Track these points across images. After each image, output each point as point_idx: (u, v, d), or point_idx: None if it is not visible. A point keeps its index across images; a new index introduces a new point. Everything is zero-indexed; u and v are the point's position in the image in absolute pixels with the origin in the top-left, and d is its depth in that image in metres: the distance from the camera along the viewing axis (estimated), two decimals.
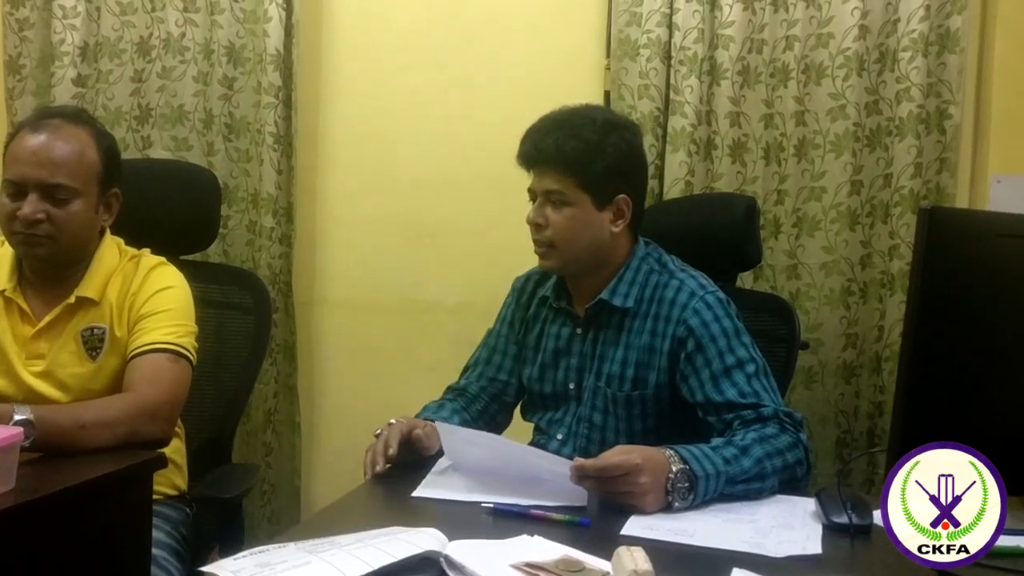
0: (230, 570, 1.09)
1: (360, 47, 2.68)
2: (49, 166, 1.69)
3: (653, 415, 1.72)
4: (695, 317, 1.67)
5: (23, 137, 1.72)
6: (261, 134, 2.57)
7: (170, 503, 1.85)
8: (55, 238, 1.71)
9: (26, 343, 1.76)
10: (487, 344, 1.93)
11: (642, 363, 1.71)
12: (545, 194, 1.70)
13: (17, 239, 1.72)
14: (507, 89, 2.58)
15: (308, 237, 2.70)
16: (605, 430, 1.74)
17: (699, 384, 1.65)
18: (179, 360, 1.74)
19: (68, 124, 1.75)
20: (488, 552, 1.20)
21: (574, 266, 1.75)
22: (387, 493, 1.54)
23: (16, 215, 1.69)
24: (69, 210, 1.72)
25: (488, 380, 1.90)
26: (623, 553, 1.13)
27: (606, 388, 1.73)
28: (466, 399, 1.89)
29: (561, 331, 1.81)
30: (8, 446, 1.30)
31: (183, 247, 2.13)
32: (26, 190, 1.69)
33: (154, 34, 2.65)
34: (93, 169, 1.75)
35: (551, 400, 1.82)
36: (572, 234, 1.70)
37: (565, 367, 1.79)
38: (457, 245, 2.64)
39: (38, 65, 2.68)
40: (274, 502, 2.62)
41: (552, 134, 1.69)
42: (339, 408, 2.73)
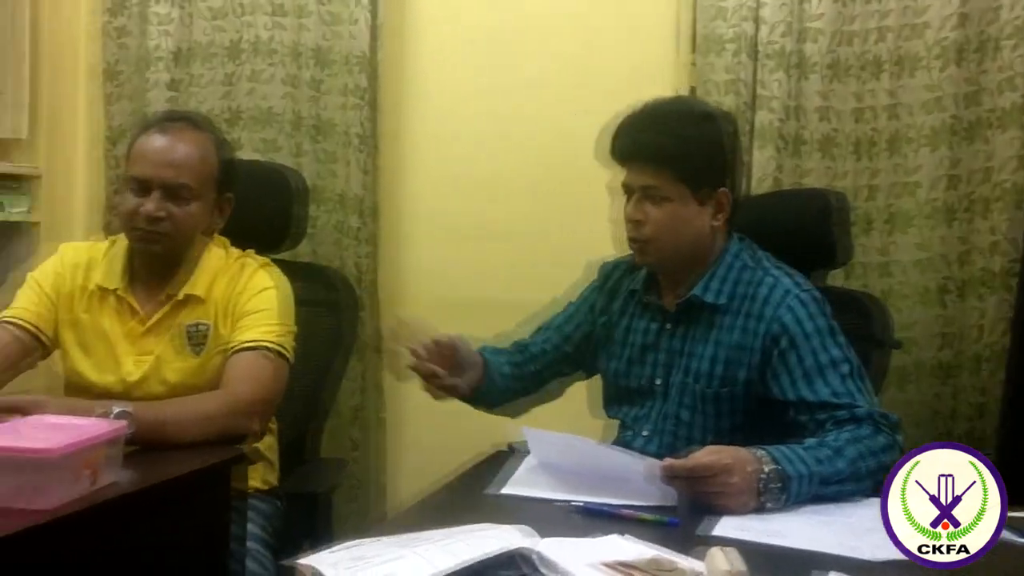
0: (327, 562, 1.11)
1: (442, 48, 2.70)
2: (174, 167, 1.77)
3: (742, 413, 1.69)
4: (789, 315, 1.63)
5: (150, 138, 1.80)
6: (347, 135, 2.61)
7: (262, 497, 1.89)
8: (172, 236, 1.79)
9: (135, 339, 1.82)
10: (566, 312, 1.96)
11: (732, 360, 1.68)
12: (643, 189, 1.68)
13: (137, 235, 1.79)
14: (589, 88, 2.57)
15: (393, 236, 2.73)
16: (692, 427, 1.72)
17: (791, 383, 1.61)
18: (276, 358, 1.79)
19: (192, 129, 1.83)
20: (579, 550, 1.19)
21: (671, 262, 1.73)
22: (476, 490, 1.54)
23: (139, 211, 1.76)
24: (188, 210, 1.79)
25: (552, 346, 1.92)
26: (717, 554, 1.11)
27: (694, 385, 1.71)
28: (524, 356, 1.93)
29: (649, 326, 1.79)
30: (114, 439, 1.35)
31: (273, 246, 2.18)
32: (150, 188, 1.76)
33: (243, 38, 2.71)
34: (212, 173, 1.83)
35: (636, 395, 1.81)
36: (672, 230, 1.68)
37: (652, 362, 1.78)
38: (536, 244, 2.63)
39: (135, 71, 2.77)
40: (360, 497, 2.66)
41: (650, 128, 1.67)
42: (423, 406, 2.71)
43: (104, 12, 2.78)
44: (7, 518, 1.19)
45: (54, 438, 1.25)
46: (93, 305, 1.84)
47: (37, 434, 1.28)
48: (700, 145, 1.67)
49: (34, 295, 1.84)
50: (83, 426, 1.34)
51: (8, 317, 1.81)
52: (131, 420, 1.46)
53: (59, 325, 1.84)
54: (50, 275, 1.86)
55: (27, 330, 1.81)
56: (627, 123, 1.71)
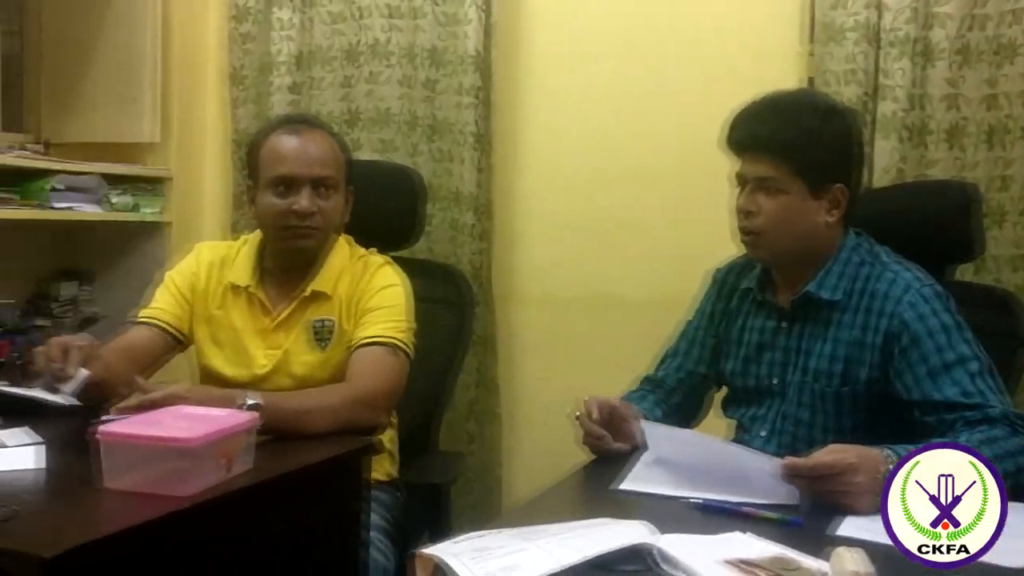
0: (450, 552, 1.13)
1: (555, 45, 2.71)
2: (319, 163, 1.85)
3: (864, 412, 1.64)
4: (910, 311, 1.58)
5: (281, 140, 1.87)
6: (462, 134, 2.64)
7: (383, 488, 1.94)
8: (322, 229, 1.87)
9: (266, 335, 1.90)
10: (685, 335, 1.91)
11: (851, 358, 1.63)
12: (757, 181, 1.65)
13: (289, 233, 1.86)
14: (702, 81, 2.54)
15: (506, 233, 2.76)
16: (813, 427, 1.68)
17: (915, 382, 1.56)
18: (397, 353, 1.83)
19: (313, 128, 1.92)
20: (700, 547, 1.19)
21: (783, 256, 1.70)
22: (594, 485, 1.55)
23: (291, 209, 1.83)
24: (332, 203, 1.88)
25: (686, 372, 1.88)
26: (843, 554, 1.09)
27: (813, 383, 1.67)
28: (664, 391, 1.88)
29: (765, 324, 1.76)
30: (248, 429, 1.41)
31: (391, 243, 2.23)
32: (299, 186, 1.83)
33: (361, 41, 2.77)
34: (343, 167, 1.91)
35: (753, 395, 1.78)
36: (784, 223, 1.64)
37: (768, 361, 1.74)
38: (650, 240, 2.62)
39: (258, 75, 2.88)
40: (476, 490, 2.69)
41: (769, 119, 1.64)
42: (537, 401, 2.77)
43: (230, 19, 2.90)
44: (151, 503, 1.25)
45: (193, 428, 1.32)
46: (226, 301, 1.92)
47: (177, 424, 1.35)
48: (819, 138, 1.62)
49: (169, 294, 1.93)
50: (219, 417, 1.40)
51: (146, 316, 1.91)
52: (263, 411, 1.53)
53: (193, 321, 1.93)
54: (185, 274, 1.95)
55: (163, 328, 1.90)
56: (745, 113, 1.68)
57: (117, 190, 2.75)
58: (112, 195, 2.73)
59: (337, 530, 1.61)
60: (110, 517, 1.25)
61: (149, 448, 1.29)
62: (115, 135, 2.88)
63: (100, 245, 2.95)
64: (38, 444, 1.48)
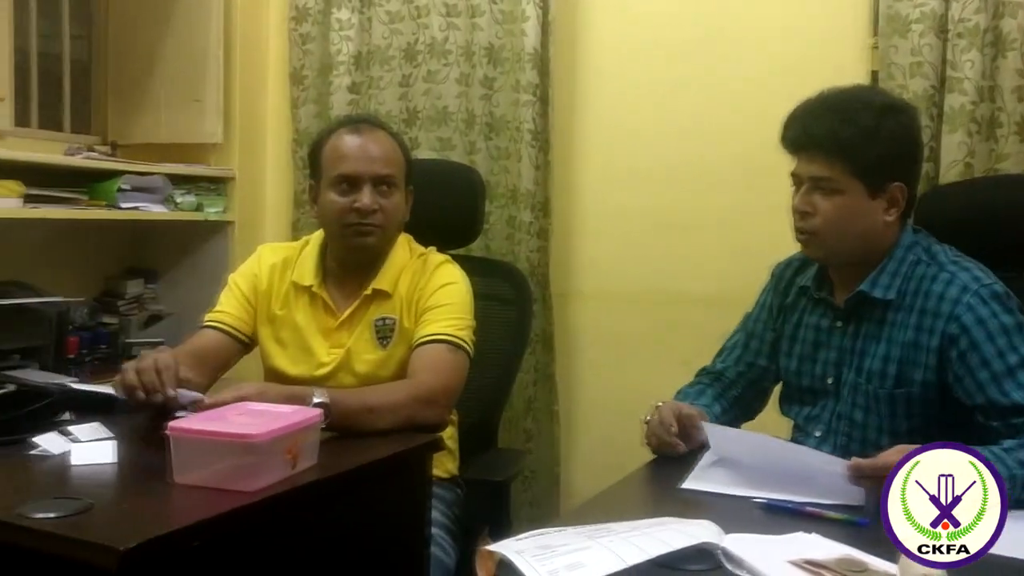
0: (514, 550, 1.13)
1: (613, 42, 2.70)
2: (380, 161, 1.88)
3: (919, 415, 1.60)
4: (968, 314, 1.54)
5: (344, 139, 1.90)
6: (520, 131, 2.65)
7: (443, 485, 1.95)
8: (383, 226, 1.89)
9: (329, 333, 1.92)
10: (745, 328, 1.89)
11: (906, 360, 1.60)
12: (813, 180, 1.62)
13: (351, 230, 1.88)
14: (763, 77, 2.51)
15: (564, 231, 2.76)
16: (867, 428, 1.65)
17: (977, 386, 1.52)
18: (457, 351, 1.85)
19: (374, 128, 1.94)
20: (766, 547, 1.18)
21: (839, 256, 1.67)
22: (657, 484, 1.55)
23: (353, 207, 1.85)
24: (394, 201, 1.90)
25: (746, 365, 1.86)
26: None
27: (867, 385, 1.64)
28: (723, 384, 1.86)
29: (820, 322, 1.74)
30: (313, 425, 1.43)
31: (450, 241, 2.23)
32: (360, 184, 1.86)
33: (419, 40, 2.79)
34: (403, 165, 1.93)
35: (808, 394, 1.75)
36: (841, 223, 1.61)
37: (823, 360, 1.72)
38: (709, 237, 2.60)
39: (318, 75, 2.91)
40: (534, 487, 2.70)
41: (825, 118, 1.60)
42: (595, 398, 2.77)
43: (290, 19, 2.94)
44: (220, 498, 1.28)
45: (260, 425, 1.34)
46: (289, 301, 1.95)
47: (245, 421, 1.37)
48: (876, 137, 1.59)
49: (233, 297, 1.97)
50: (285, 413, 1.42)
51: (212, 320, 1.95)
52: (328, 408, 1.55)
53: (257, 322, 1.96)
54: (247, 276, 1.98)
55: (229, 331, 1.94)
56: (800, 111, 1.65)
57: (181, 190, 2.81)
58: (177, 195, 2.78)
59: (401, 526, 1.63)
60: (180, 511, 1.27)
61: (217, 444, 1.31)
62: (179, 136, 2.95)
63: (165, 244, 3.02)
64: (110, 439, 1.51)
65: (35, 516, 1.17)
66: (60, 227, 2.69)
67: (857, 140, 1.58)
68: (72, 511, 1.19)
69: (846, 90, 1.66)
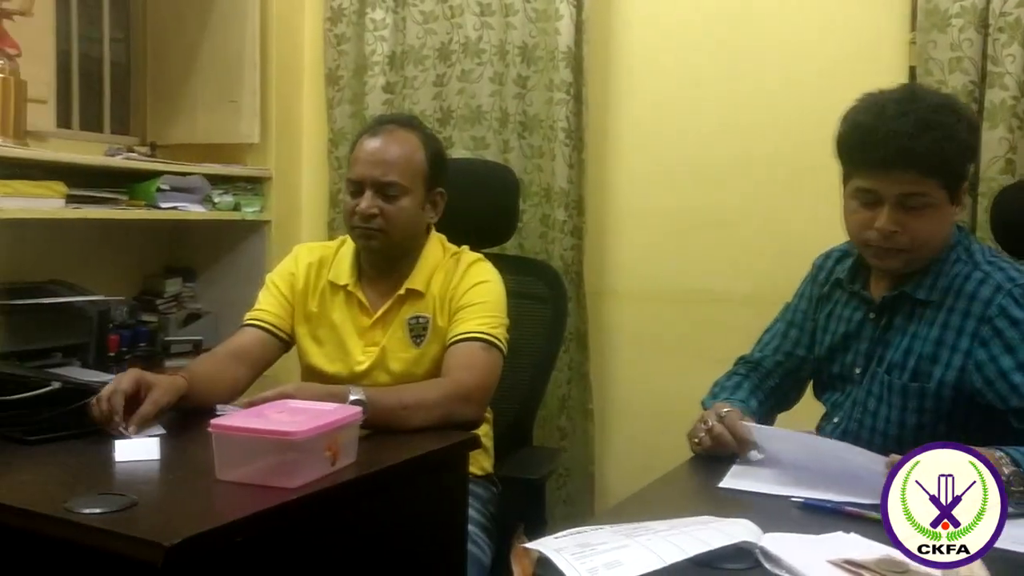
0: (553, 548, 1.13)
1: (648, 39, 2.70)
2: (383, 166, 1.88)
3: (930, 412, 1.58)
4: (1001, 316, 1.52)
5: (363, 141, 1.92)
6: (553, 130, 2.65)
7: (479, 482, 1.96)
8: (386, 231, 1.88)
9: (364, 332, 1.94)
10: (784, 317, 1.88)
11: (926, 355, 1.58)
12: (902, 197, 1.55)
13: (356, 233, 1.91)
14: (798, 74, 2.51)
15: (598, 229, 2.76)
16: (877, 418, 1.64)
17: (1011, 389, 1.49)
18: (491, 349, 1.86)
19: (400, 129, 1.93)
20: (804, 547, 1.17)
21: (920, 263, 1.62)
22: (694, 482, 1.55)
23: (355, 210, 1.88)
24: (399, 205, 1.89)
25: (784, 355, 1.84)
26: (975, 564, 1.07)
27: (884, 375, 1.63)
28: (760, 374, 1.85)
29: (853, 314, 1.72)
30: (352, 423, 1.44)
31: (485, 240, 2.24)
32: (363, 188, 1.88)
33: (453, 39, 2.80)
34: (420, 169, 1.92)
35: (837, 381, 1.75)
36: (932, 237, 1.58)
37: (854, 351, 1.71)
38: (746, 235, 2.60)
39: (353, 75, 2.93)
40: (569, 485, 2.70)
41: (925, 135, 1.51)
42: (630, 397, 2.77)
43: (325, 20, 2.96)
44: (261, 494, 1.29)
45: (300, 422, 1.36)
46: (325, 300, 1.97)
47: (285, 418, 1.39)
48: (961, 146, 1.56)
49: (271, 296, 1.99)
50: (325, 411, 1.44)
51: (251, 319, 1.98)
52: (365, 406, 1.56)
53: (294, 321, 1.98)
54: (284, 275, 2.00)
55: (267, 330, 1.96)
56: (888, 128, 1.53)
57: (219, 190, 2.84)
58: (215, 195, 2.81)
59: (439, 523, 1.64)
60: (224, 507, 1.29)
61: (258, 441, 1.33)
62: (217, 136, 2.98)
63: (203, 243, 3.06)
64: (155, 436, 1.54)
65: (82, 511, 1.20)
66: (101, 227, 2.73)
67: (955, 155, 1.55)
68: (118, 507, 1.21)
69: (927, 100, 1.58)
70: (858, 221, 1.61)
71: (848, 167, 1.63)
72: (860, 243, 1.64)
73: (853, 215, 1.63)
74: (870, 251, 1.63)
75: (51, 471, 1.43)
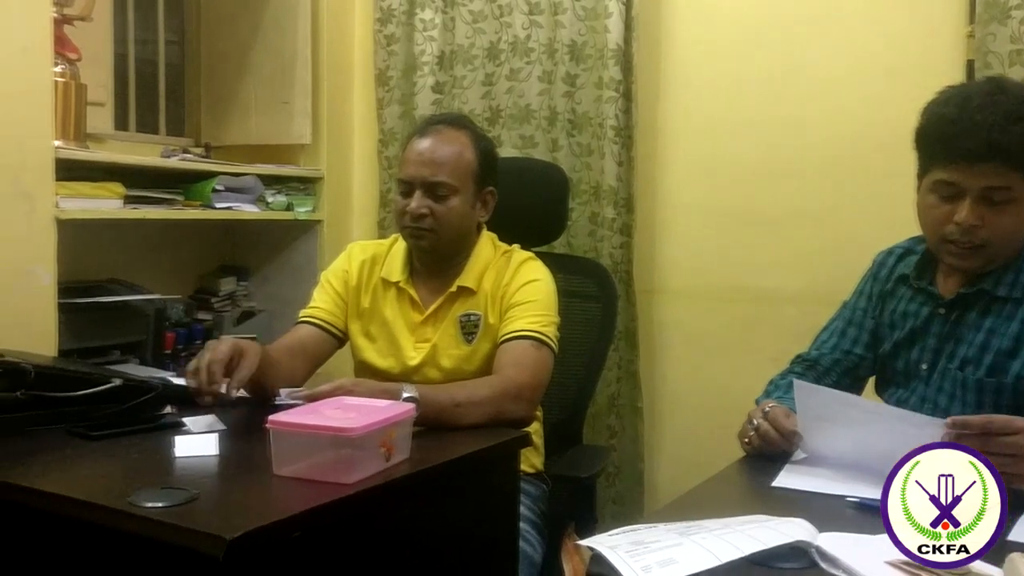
0: (607, 545, 1.14)
1: (697, 36, 2.68)
2: (432, 166, 1.89)
3: (1008, 408, 1.53)
4: None
5: (413, 142, 1.94)
6: (602, 128, 2.65)
7: (530, 480, 1.97)
8: (436, 231, 1.90)
9: (415, 328, 1.96)
10: (842, 316, 1.85)
11: (1003, 350, 1.55)
12: (986, 191, 1.52)
13: (407, 232, 1.94)
14: (851, 69, 2.47)
15: (648, 227, 2.75)
16: (949, 414, 1.60)
17: None
18: (542, 347, 1.86)
19: (450, 128, 1.94)
20: (860, 546, 1.16)
21: (998, 261, 1.59)
22: (747, 481, 1.54)
23: (406, 210, 1.90)
24: (448, 205, 1.90)
25: (842, 353, 1.81)
26: (1017, 560, 1.05)
27: (957, 371, 1.60)
28: (816, 373, 1.83)
29: (920, 310, 1.69)
30: (406, 420, 1.46)
31: (534, 239, 2.25)
32: (413, 188, 1.90)
33: (502, 38, 2.81)
34: (470, 169, 1.93)
35: (901, 378, 1.72)
36: (1013, 233, 1.55)
37: (921, 347, 1.68)
38: (797, 233, 2.57)
39: (403, 75, 2.96)
40: (618, 483, 2.70)
41: (1013, 126, 1.49)
42: (680, 395, 2.76)
43: (375, 21, 2.99)
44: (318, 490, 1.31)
45: (356, 419, 1.37)
46: (377, 297, 2.00)
47: (341, 415, 1.41)
48: None
49: (325, 293, 2.02)
50: (380, 408, 1.45)
51: (306, 316, 2.01)
52: (417, 402, 1.58)
53: (348, 317, 2.01)
54: (338, 273, 2.03)
55: (322, 326, 1.99)
56: (973, 121, 1.51)
57: (272, 190, 2.88)
58: (268, 195, 2.86)
59: (491, 520, 1.65)
60: (282, 502, 1.31)
61: (315, 437, 1.34)
62: (270, 137, 3.02)
63: (257, 242, 3.11)
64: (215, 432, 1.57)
65: (145, 505, 1.22)
66: (158, 227, 2.79)
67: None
68: (179, 501, 1.24)
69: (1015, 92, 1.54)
70: (936, 216, 1.58)
71: (928, 160, 1.59)
72: (937, 239, 1.60)
73: (931, 209, 1.59)
74: (948, 249, 1.60)
75: (114, 465, 1.47)
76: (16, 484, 1.33)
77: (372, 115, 3.03)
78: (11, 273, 2.13)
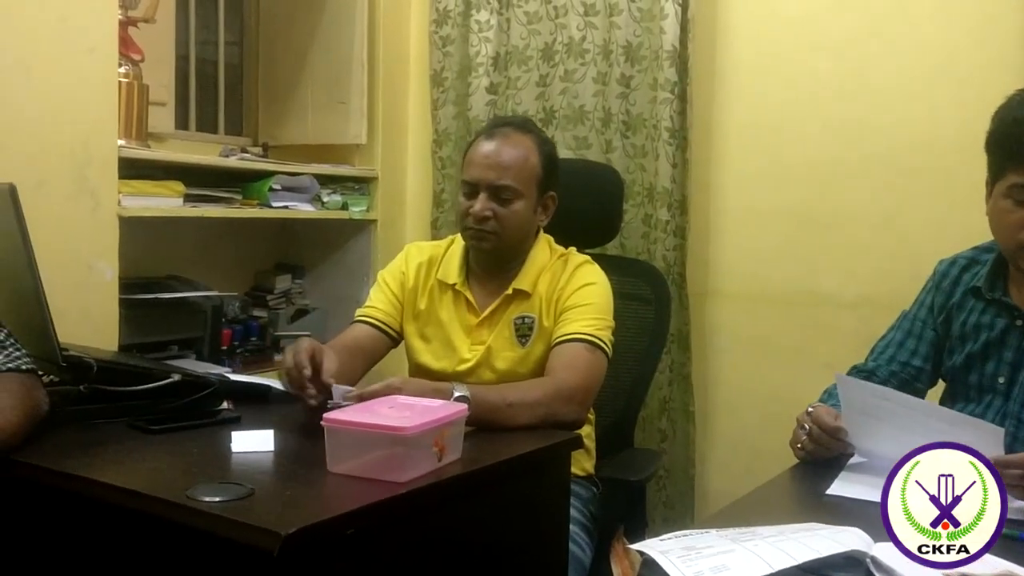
0: (658, 550, 1.13)
1: (754, 37, 2.66)
2: (498, 169, 1.90)
3: None
4: None
5: (479, 143, 1.95)
6: (657, 129, 2.64)
7: (580, 482, 1.97)
8: (499, 234, 1.91)
9: (471, 330, 1.97)
10: (901, 326, 1.81)
11: None
12: None
13: (469, 234, 1.94)
14: (911, 71, 2.43)
15: (702, 229, 2.73)
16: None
17: None
18: (595, 350, 1.86)
19: (516, 132, 1.95)
20: None
21: None
22: (801, 489, 1.52)
23: (469, 212, 1.91)
24: (512, 209, 1.91)
25: (900, 364, 1.77)
26: None
27: None
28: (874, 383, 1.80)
29: (995, 322, 1.65)
30: (458, 419, 1.47)
31: (587, 241, 2.25)
32: (478, 190, 1.91)
33: (557, 39, 2.81)
34: (534, 173, 1.93)
35: (974, 392, 1.67)
36: None
37: (997, 360, 1.63)
38: (855, 236, 2.53)
39: (457, 76, 2.97)
40: (669, 487, 2.69)
41: None
42: (732, 399, 2.74)
43: (431, 22, 3.00)
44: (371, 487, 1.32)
45: (410, 418, 1.39)
46: (433, 298, 2.01)
47: (395, 414, 1.42)
48: None
49: (382, 294, 2.04)
50: (433, 407, 1.47)
51: (363, 315, 2.03)
52: (469, 402, 1.58)
53: (403, 318, 2.03)
54: (395, 274, 2.05)
55: (378, 326, 2.01)
56: None
57: (328, 189, 2.92)
58: (324, 194, 2.89)
59: (541, 522, 1.65)
60: (336, 499, 1.33)
61: (369, 435, 1.36)
62: (326, 137, 3.06)
63: (312, 241, 3.15)
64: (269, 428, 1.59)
65: (203, 499, 1.25)
66: (215, 225, 2.83)
67: None
68: (236, 496, 1.26)
69: None
70: (1012, 221, 1.54)
71: (1001, 164, 1.55)
72: (1013, 245, 1.56)
73: (1006, 215, 1.54)
74: None
75: (173, 459, 1.49)
76: (78, 475, 1.37)
77: (426, 116, 3.05)
78: (75, 269, 2.19)
